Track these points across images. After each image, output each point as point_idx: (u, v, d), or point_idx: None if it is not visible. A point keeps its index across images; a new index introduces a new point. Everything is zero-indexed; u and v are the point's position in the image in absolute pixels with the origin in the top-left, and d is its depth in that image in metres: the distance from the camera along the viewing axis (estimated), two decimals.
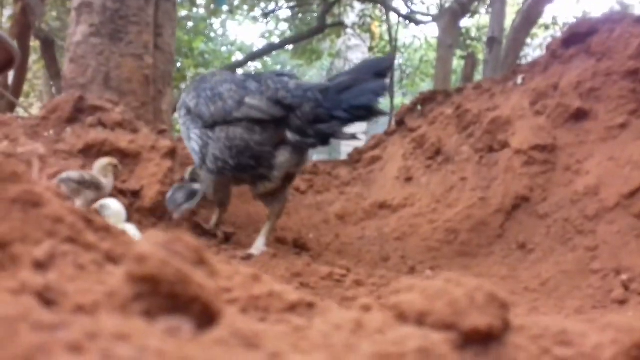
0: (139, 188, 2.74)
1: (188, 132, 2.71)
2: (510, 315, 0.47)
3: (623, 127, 3.44)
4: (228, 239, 2.70)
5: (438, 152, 3.71)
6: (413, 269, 2.68)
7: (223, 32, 12.01)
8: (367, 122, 2.66)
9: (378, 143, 4.19)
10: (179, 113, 2.79)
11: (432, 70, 10.71)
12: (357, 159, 4.14)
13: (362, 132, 14.17)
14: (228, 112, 2.51)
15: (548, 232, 2.97)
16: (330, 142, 2.57)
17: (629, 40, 3.79)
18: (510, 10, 10.20)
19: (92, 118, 2.91)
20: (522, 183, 3.32)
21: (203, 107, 2.59)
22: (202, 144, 2.60)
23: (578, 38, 4.10)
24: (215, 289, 0.37)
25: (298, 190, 3.53)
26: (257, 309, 0.50)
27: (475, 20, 10.89)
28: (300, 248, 2.84)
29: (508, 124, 3.72)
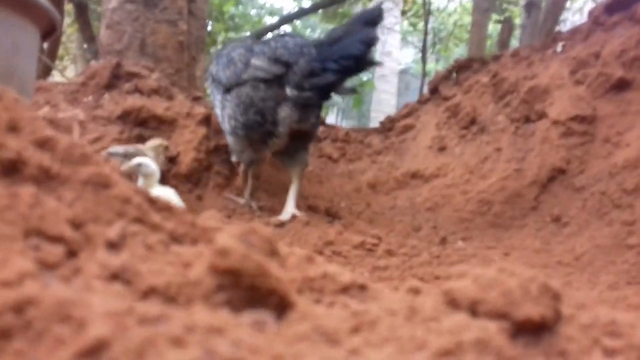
0: (175, 154, 2.79)
1: (214, 99, 2.89)
2: (563, 306, 0.48)
3: None
4: (261, 209, 2.75)
5: (473, 121, 3.65)
6: (445, 240, 2.68)
7: None
8: (360, 73, 2.69)
9: (411, 111, 4.14)
10: (207, 82, 2.92)
11: (466, 35, 10.42)
12: (389, 127, 4.10)
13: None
14: (238, 74, 2.67)
15: (584, 205, 2.92)
16: (330, 96, 2.70)
17: None
18: None
19: (129, 84, 2.95)
20: (558, 155, 3.26)
21: (221, 73, 2.76)
22: (222, 107, 2.78)
23: (622, 4, 3.94)
24: (289, 280, 0.40)
25: (330, 159, 3.54)
26: (312, 290, 0.52)
27: None
28: (332, 216, 2.87)
29: (546, 94, 3.63)
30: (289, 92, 2.59)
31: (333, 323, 0.39)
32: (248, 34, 8.44)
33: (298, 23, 12.45)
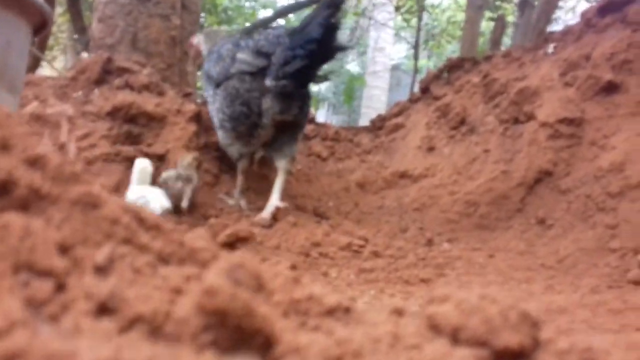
0: (164, 152, 2.78)
1: (207, 94, 2.93)
2: (541, 332, 0.49)
3: None
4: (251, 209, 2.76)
5: (462, 121, 3.68)
6: (431, 241, 2.71)
7: None
8: (330, 58, 2.66)
9: (401, 110, 4.15)
10: (203, 79, 2.93)
11: (459, 32, 10.43)
12: (379, 126, 4.12)
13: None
14: (227, 69, 2.73)
15: (569, 208, 2.96)
16: (307, 84, 2.75)
17: None
18: None
19: (119, 80, 2.93)
20: (546, 157, 3.29)
21: (212, 69, 2.82)
22: (212, 102, 2.83)
23: (614, 6, 3.96)
24: (276, 315, 0.40)
25: (319, 157, 3.55)
26: (297, 313, 0.53)
27: None
28: (320, 216, 2.88)
29: (535, 95, 3.66)
30: (268, 82, 2.63)
31: (317, 356, 0.40)
32: (243, 28, 8.40)
33: (291, 16, 12.40)
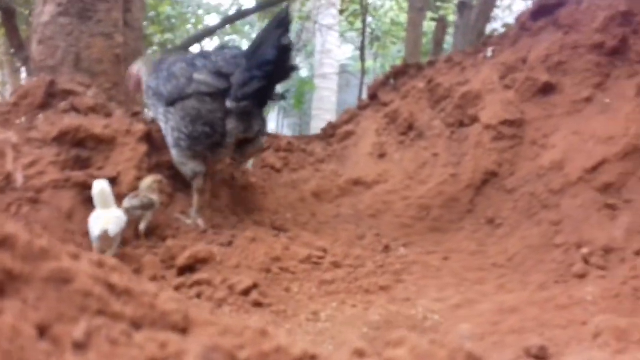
0: (116, 174, 2.75)
1: (157, 112, 2.93)
2: None
3: (588, 100, 3.55)
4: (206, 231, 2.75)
5: (411, 127, 3.79)
6: (388, 247, 2.78)
7: None
8: (285, 78, 2.82)
9: (351, 117, 4.23)
10: (146, 95, 2.94)
11: (403, 33, 10.66)
12: (331, 134, 4.18)
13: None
14: (181, 88, 2.75)
15: (515, 206, 3.10)
16: (267, 103, 2.87)
17: (596, 13, 3.86)
18: None
19: (64, 103, 2.87)
20: (491, 158, 3.43)
21: (162, 87, 2.83)
22: (165, 121, 2.84)
23: (547, 10, 4.15)
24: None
25: (273, 169, 3.58)
26: None
27: None
28: (278, 229, 2.91)
29: (478, 99, 3.80)
30: (229, 104, 2.69)
31: None
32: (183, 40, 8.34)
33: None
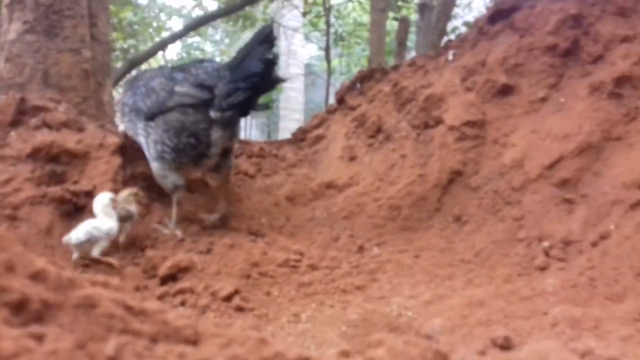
0: (92, 188, 2.79)
1: (135, 127, 2.96)
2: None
3: (544, 100, 3.74)
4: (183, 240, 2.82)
5: (379, 130, 3.91)
6: (362, 248, 2.90)
7: None
8: (269, 89, 3.03)
9: (321, 122, 4.34)
10: (121, 112, 2.99)
11: (366, 34, 10.82)
12: (301, 138, 4.28)
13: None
14: (162, 102, 2.83)
15: (480, 204, 3.26)
16: (249, 113, 3.05)
17: (548, 17, 4.05)
18: None
19: (36, 119, 2.89)
20: (455, 158, 3.59)
21: (140, 102, 2.90)
22: (145, 135, 2.89)
23: (503, 14, 4.33)
24: None
25: (247, 175, 3.66)
26: None
27: None
28: (255, 234, 3.00)
29: (441, 101, 3.96)
30: (213, 114, 2.79)
31: None
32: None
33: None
